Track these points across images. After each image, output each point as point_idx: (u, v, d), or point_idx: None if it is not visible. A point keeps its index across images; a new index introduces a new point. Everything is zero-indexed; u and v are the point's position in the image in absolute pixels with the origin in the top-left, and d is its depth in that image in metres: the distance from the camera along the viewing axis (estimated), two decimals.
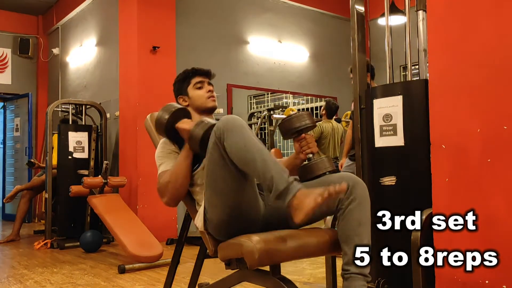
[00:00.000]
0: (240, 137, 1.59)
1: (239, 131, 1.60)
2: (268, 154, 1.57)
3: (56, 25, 6.93)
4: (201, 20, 5.50)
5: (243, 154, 1.58)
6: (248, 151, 1.57)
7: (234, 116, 1.66)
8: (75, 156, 4.93)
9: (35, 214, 6.93)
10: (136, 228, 3.93)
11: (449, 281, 1.77)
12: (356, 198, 1.70)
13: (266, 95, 6.77)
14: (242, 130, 1.60)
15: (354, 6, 2.46)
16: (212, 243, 1.84)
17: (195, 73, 2.09)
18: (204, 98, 2.06)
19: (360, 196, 1.71)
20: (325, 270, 2.42)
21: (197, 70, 2.10)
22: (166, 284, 2.37)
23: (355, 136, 2.49)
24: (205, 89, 2.07)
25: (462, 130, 1.80)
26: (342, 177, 1.74)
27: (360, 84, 2.46)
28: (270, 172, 1.53)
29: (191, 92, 2.07)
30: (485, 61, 1.75)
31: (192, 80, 2.08)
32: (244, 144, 1.58)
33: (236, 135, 1.59)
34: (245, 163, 1.58)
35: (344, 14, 6.68)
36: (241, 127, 1.61)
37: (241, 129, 1.60)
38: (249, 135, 1.60)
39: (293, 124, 1.82)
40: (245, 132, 1.60)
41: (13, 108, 7.29)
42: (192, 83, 2.07)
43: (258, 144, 1.60)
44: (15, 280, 3.26)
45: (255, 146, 1.58)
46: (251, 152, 1.56)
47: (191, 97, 2.06)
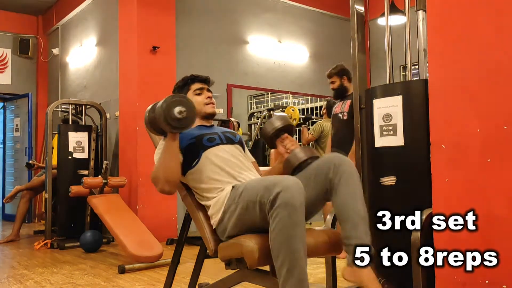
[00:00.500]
0: (289, 229, 1.52)
1: (293, 221, 1.52)
2: (299, 266, 1.52)
3: (56, 25, 6.93)
4: (201, 20, 5.49)
5: (278, 247, 1.54)
6: (286, 252, 1.52)
7: (298, 186, 1.57)
8: (75, 156, 4.93)
9: (35, 214, 6.93)
10: (136, 228, 3.93)
11: (449, 281, 1.77)
12: (344, 174, 1.74)
13: (266, 95, 6.77)
14: (295, 219, 1.53)
15: (354, 6, 2.46)
16: (212, 243, 1.84)
17: (194, 79, 2.12)
18: (203, 104, 2.09)
19: (347, 172, 1.75)
20: (325, 270, 2.42)
21: (196, 76, 2.13)
22: (166, 284, 2.37)
23: (355, 136, 2.49)
24: (204, 95, 2.10)
25: (462, 130, 1.80)
26: (327, 159, 1.81)
27: (360, 84, 2.46)
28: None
29: (190, 99, 2.08)
30: (485, 61, 1.75)
31: (191, 87, 2.11)
32: (288, 239, 1.52)
33: (287, 220, 1.52)
34: (274, 255, 1.56)
35: (344, 14, 6.68)
36: (296, 212, 1.53)
37: (295, 216, 1.53)
38: (297, 232, 1.53)
39: (266, 130, 1.95)
40: (295, 227, 1.53)
41: (13, 108, 7.29)
42: (192, 89, 2.11)
43: (300, 248, 1.53)
44: (15, 280, 3.26)
45: (295, 250, 1.52)
46: (285, 254, 1.52)
47: None
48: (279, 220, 1.52)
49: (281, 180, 1.58)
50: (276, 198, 1.53)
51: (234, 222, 1.74)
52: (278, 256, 1.54)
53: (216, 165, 1.92)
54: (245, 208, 1.68)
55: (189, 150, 1.94)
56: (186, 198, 2.02)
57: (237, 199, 1.73)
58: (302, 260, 1.53)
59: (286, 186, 1.54)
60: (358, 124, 2.45)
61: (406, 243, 1.88)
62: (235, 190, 1.78)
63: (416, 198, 2.10)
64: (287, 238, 1.52)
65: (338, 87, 3.82)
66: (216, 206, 1.83)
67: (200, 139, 1.98)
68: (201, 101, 2.09)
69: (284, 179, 1.59)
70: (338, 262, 2.34)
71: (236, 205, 1.73)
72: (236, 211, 1.72)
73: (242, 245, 1.65)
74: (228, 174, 1.91)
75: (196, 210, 1.95)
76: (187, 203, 2.02)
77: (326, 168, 1.78)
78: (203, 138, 1.98)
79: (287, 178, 1.60)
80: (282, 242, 1.52)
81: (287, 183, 1.55)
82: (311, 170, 1.84)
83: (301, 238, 1.54)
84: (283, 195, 1.52)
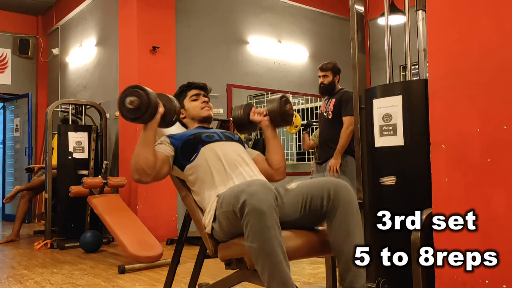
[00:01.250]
0: (260, 234, 1.52)
1: (263, 224, 1.51)
2: (278, 269, 1.51)
3: (56, 25, 6.93)
4: (201, 20, 5.49)
5: (256, 254, 1.54)
6: (263, 256, 1.52)
7: (265, 189, 1.55)
8: (75, 157, 4.93)
9: (35, 215, 6.93)
10: (136, 228, 3.93)
11: (449, 281, 1.77)
12: (340, 207, 1.70)
13: (266, 95, 6.76)
14: (265, 222, 1.51)
15: (354, 6, 2.46)
16: (212, 243, 1.84)
17: (190, 86, 2.20)
18: (199, 108, 2.16)
19: (344, 202, 1.71)
20: (325, 270, 2.42)
21: (192, 83, 2.21)
22: (166, 284, 2.37)
23: (355, 136, 2.49)
24: (200, 100, 2.17)
25: (462, 130, 1.80)
26: (323, 184, 1.76)
27: (360, 84, 2.46)
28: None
29: (187, 105, 2.17)
30: (485, 60, 1.75)
31: (188, 93, 2.19)
32: (263, 244, 1.51)
33: (258, 225, 1.51)
34: (254, 262, 1.56)
35: (344, 14, 6.68)
36: (265, 216, 1.51)
37: (265, 220, 1.51)
38: (270, 235, 1.51)
39: (235, 113, 2.18)
40: (267, 231, 1.52)
41: (12, 108, 7.29)
42: (188, 95, 2.18)
43: (277, 250, 1.52)
44: (15, 280, 3.26)
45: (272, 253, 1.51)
46: (263, 259, 1.52)
47: (187, 109, 2.17)
48: (251, 227, 1.52)
49: (247, 187, 1.56)
50: (243, 206, 1.53)
51: (224, 231, 1.75)
52: (257, 262, 1.54)
53: (215, 158, 1.93)
54: (227, 218, 1.69)
55: (187, 146, 1.98)
56: (186, 198, 2.02)
57: (220, 210, 1.73)
58: (281, 263, 1.51)
59: (251, 192, 1.53)
60: (358, 124, 2.45)
61: (406, 243, 1.88)
62: (218, 199, 1.77)
63: (416, 198, 2.10)
64: (262, 243, 1.51)
65: (329, 83, 3.78)
66: (208, 216, 1.84)
67: (199, 136, 2.02)
68: (197, 105, 2.16)
69: (251, 184, 1.57)
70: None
71: (220, 215, 1.73)
72: (223, 222, 1.73)
73: (242, 245, 1.65)
74: (225, 168, 1.91)
75: (196, 210, 1.95)
76: (187, 203, 2.02)
77: (321, 196, 1.73)
78: (202, 135, 2.03)
79: (253, 182, 1.59)
80: (257, 248, 1.52)
81: (252, 189, 1.54)
82: (307, 191, 1.79)
83: (276, 239, 1.51)
84: (249, 202, 1.51)
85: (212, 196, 1.86)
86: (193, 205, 1.97)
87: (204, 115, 2.16)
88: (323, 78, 3.81)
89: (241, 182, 1.75)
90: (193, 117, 2.16)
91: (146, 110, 1.82)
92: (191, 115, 2.16)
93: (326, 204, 1.72)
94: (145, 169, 1.82)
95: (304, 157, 6.61)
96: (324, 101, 3.89)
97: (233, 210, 1.60)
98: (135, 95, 1.82)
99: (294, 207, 1.79)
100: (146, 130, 1.86)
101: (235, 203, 1.57)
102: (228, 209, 1.64)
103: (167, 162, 1.94)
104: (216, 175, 1.90)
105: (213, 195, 1.85)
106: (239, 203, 1.54)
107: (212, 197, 1.85)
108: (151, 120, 1.85)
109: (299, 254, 1.78)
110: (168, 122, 2.02)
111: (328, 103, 3.78)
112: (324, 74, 3.80)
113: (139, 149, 1.84)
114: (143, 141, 1.84)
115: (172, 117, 1.99)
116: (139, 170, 1.82)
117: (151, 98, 1.83)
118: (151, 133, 1.86)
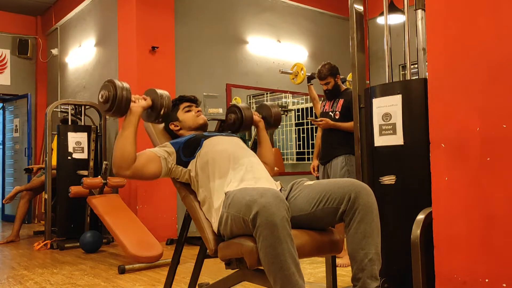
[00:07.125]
0: (273, 247, 1.51)
1: (276, 237, 1.51)
2: (291, 282, 1.51)
3: (55, 25, 6.92)
4: (200, 20, 5.49)
5: (268, 266, 1.54)
6: (276, 269, 1.52)
7: (277, 202, 1.55)
8: (74, 157, 4.93)
9: (35, 215, 6.93)
10: (136, 228, 3.93)
11: (449, 281, 1.77)
12: (359, 209, 1.69)
13: (266, 95, 6.76)
14: (278, 235, 1.51)
15: (353, 5, 2.46)
16: (212, 243, 1.84)
17: (182, 99, 2.28)
18: (195, 117, 2.23)
19: (364, 206, 1.69)
20: (325, 270, 2.42)
21: (184, 97, 2.30)
22: (166, 284, 2.37)
23: (354, 136, 2.49)
24: (193, 111, 2.25)
25: (461, 129, 1.80)
26: (346, 185, 1.73)
27: (359, 84, 2.46)
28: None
29: (181, 116, 2.23)
30: (484, 59, 1.75)
31: (180, 106, 2.26)
32: (275, 257, 1.51)
33: (270, 238, 1.51)
34: (267, 273, 1.56)
35: (343, 14, 6.68)
36: (277, 229, 1.51)
37: (277, 233, 1.51)
38: (282, 248, 1.51)
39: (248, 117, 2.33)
40: (280, 244, 1.51)
41: (12, 109, 7.29)
42: (181, 108, 2.25)
43: (289, 263, 1.52)
44: (15, 281, 3.26)
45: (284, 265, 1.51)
46: (275, 272, 1.52)
47: (181, 120, 2.23)
48: (263, 239, 1.52)
49: (260, 197, 1.55)
50: (255, 218, 1.53)
51: (229, 229, 1.75)
52: (270, 274, 1.55)
53: (218, 148, 1.98)
54: (234, 220, 1.69)
55: (189, 143, 2.03)
56: (186, 198, 2.02)
57: (227, 209, 1.73)
58: (293, 275, 1.51)
59: (264, 204, 1.52)
60: (357, 124, 2.45)
61: (406, 243, 1.88)
62: (226, 198, 1.78)
63: (416, 197, 2.10)
64: (274, 256, 1.51)
65: (333, 87, 3.73)
66: (214, 213, 1.85)
67: (200, 134, 2.12)
68: (192, 115, 2.24)
69: (263, 195, 1.56)
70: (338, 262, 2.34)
71: (227, 214, 1.73)
72: (228, 221, 1.73)
73: (242, 245, 1.65)
74: (229, 157, 1.95)
75: (196, 210, 1.95)
76: (187, 203, 2.02)
77: (341, 196, 1.72)
78: (203, 133, 2.13)
79: (265, 193, 1.57)
80: (270, 261, 1.52)
81: (264, 201, 1.53)
82: (325, 188, 1.78)
83: (288, 252, 1.52)
84: (261, 215, 1.51)
85: (217, 186, 1.87)
86: (193, 205, 1.97)
87: (201, 122, 2.23)
88: (325, 85, 3.76)
89: (252, 188, 1.74)
90: (189, 127, 2.21)
91: (114, 102, 1.88)
92: (187, 125, 2.21)
93: (345, 204, 1.70)
94: (120, 163, 1.88)
95: (304, 157, 6.61)
96: (328, 101, 3.85)
97: (243, 218, 1.60)
98: (106, 89, 1.90)
99: (308, 203, 1.79)
100: (124, 124, 1.93)
101: (246, 212, 1.57)
102: (238, 215, 1.64)
103: (155, 161, 1.97)
104: (221, 163, 1.93)
105: (219, 185, 1.87)
106: (251, 214, 1.54)
107: (217, 187, 1.87)
108: (124, 113, 1.92)
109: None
110: (156, 117, 2.05)
111: (335, 103, 3.72)
112: (325, 82, 3.75)
113: (116, 142, 1.91)
114: (120, 135, 1.91)
115: (159, 111, 2.02)
116: (115, 163, 1.89)
117: (119, 91, 1.87)
118: (130, 126, 1.92)
